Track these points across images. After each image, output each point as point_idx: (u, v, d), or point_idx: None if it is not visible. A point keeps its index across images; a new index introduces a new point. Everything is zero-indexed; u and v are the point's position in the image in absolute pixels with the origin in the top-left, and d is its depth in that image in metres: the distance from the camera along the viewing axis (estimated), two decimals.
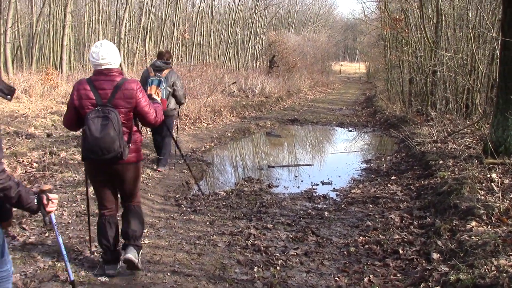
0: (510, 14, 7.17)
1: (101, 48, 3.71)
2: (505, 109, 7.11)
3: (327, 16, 57.53)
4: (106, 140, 3.56)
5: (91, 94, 3.69)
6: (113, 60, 3.75)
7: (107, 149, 3.58)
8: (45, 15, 23.37)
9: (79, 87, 3.74)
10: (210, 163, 9.46)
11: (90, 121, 3.59)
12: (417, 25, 14.83)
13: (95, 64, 3.73)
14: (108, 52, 3.71)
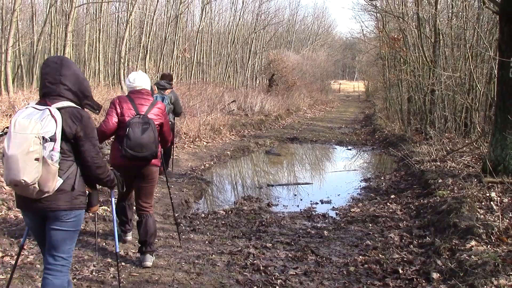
0: (507, 34, 7.24)
1: (137, 76, 4.81)
2: (504, 128, 7.14)
3: (326, 35, 57.99)
4: (147, 140, 4.41)
5: (131, 106, 4.61)
6: (145, 84, 4.81)
7: (147, 147, 4.41)
8: (46, 34, 23.57)
9: (120, 100, 4.67)
10: (210, 181, 9.46)
11: (133, 125, 4.42)
12: (415, 44, 14.94)
13: (132, 86, 4.74)
14: (141, 78, 4.80)
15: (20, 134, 2.78)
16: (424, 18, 14.40)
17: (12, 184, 2.86)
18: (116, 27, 30.25)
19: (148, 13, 26.30)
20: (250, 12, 39.50)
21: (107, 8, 27.99)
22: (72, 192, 3.01)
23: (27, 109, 2.92)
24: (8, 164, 2.80)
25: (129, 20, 23.57)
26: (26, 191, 2.87)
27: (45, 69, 3.02)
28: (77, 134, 2.98)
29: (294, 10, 49.28)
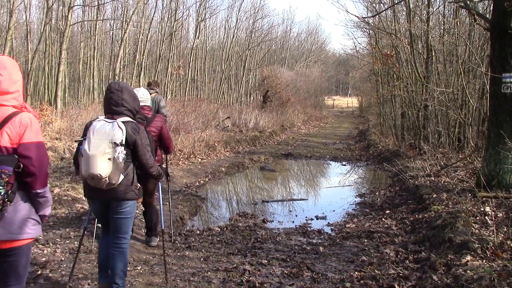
0: (498, 50, 7.33)
1: (139, 93, 5.23)
2: (497, 143, 7.19)
3: (319, 51, 58.42)
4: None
5: None
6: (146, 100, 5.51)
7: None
8: (40, 52, 23.61)
9: None
10: (205, 198, 9.44)
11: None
12: (408, 60, 15.09)
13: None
14: (143, 95, 5.40)
15: (98, 139, 3.71)
16: (417, 35, 14.56)
17: (89, 177, 3.72)
18: (111, 44, 30.38)
19: (143, 30, 26.46)
20: (244, 29, 39.84)
21: (102, 26, 28.13)
22: (130, 186, 3.95)
23: (100, 122, 3.83)
24: (87, 162, 3.69)
25: (123, 38, 23.70)
26: (99, 183, 3.75)
27: (109, 94, 3.97)
28: (135, 142, 3.90)
29: (288, 27, 49.59)
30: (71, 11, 19.13)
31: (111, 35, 30.16)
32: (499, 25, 7.21)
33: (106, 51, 30.77)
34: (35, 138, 2.84)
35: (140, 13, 26.05)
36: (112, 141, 3.72)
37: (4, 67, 2.82)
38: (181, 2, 30.50)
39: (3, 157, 2.72)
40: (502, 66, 7.22)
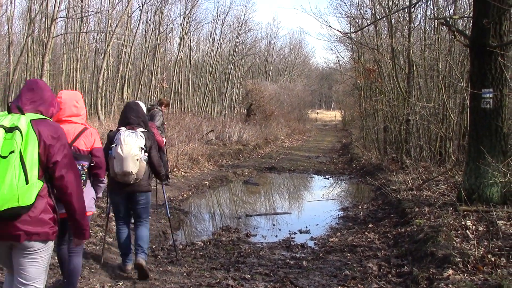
0: (477, 66, 7.46)
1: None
2: (477, 157, 7.29)
3: (303, 65, 58.85)
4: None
5: None
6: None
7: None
8: (22, 64, 23.41)
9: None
10: (188, 212, 9.39)
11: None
12: (390, 75, 15.27)
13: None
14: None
15: (129, 144, 4.92)
16: (398, 50, 14.77)
17: (122, 174, 4.92)
18: (94, 57, 30.24)
19: (126, 43, 26.42)
20: (228, 42, 40.01)
21: (85, 38, 28.01)
22: (148, 180, 5.26)
23: (125, 132, 5.03)
24: (121, 162, 4.88)
25: (107, 51, 23.62)
26: (128, 178, 4.96)
27: (128, 109, 5.30)
28: (151, 147, 5.16)
29: (272, 41, 49.91)
30: (54, 23, 19.03)
31: (94, 47, 30.05)
32: (478, 42, 7.35)
33: (89, 64, 30.61)
34: (100, 144, 4.24)
35: (124, 26, 26.03)
36: (139, 146, 4.97)
37: (79, 99, 4.31)
38: (165, 15, 30.60)
39: (83, 156, 4.08)
40: (481, 82, 7.34)
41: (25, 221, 2.76)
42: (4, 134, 2.69)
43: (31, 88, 3.08)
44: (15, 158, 2.66)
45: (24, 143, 2.71)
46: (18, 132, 2.70)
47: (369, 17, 17.95)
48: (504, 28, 7.23)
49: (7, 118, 2.78)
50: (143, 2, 27.36)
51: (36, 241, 2.85)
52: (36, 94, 3.07)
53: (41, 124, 2.86)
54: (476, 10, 7.52)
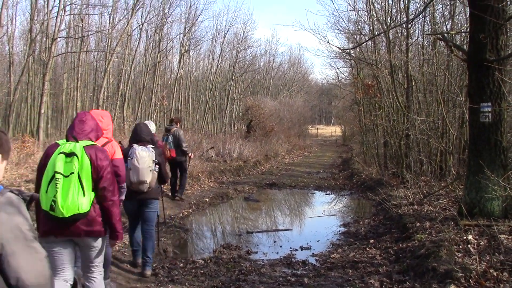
0: (475, 80, 7.49)
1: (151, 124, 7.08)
2: (477, 171, 7.29)
3: (302, 81, 59.04)
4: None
5: None
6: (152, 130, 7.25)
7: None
8: (23, 83, 23.53)
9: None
10: (188, 229, 9.36)
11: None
12: (389, 90, 15.33)
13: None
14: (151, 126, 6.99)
15: (143, 158, 5.77)
16: (397, 65, 14.84)
17: (138, 183, 5.76)
18: (94, 75, 30.37)
19: (126, 61, 26.57)
20: (228, 59, 40.18)
21: (85, 57, 28.18)
22: (157, 189, 6.27)
23: (138, 147, 5.84)
24: (138, 172, 5.74)
25: (107, 69, 23.74)
26: (142, 187, 5.81)
27: (139, 129, 6.07)
28: (159, 161, 5.97)
29: (271, 57, 50.13)
30: (54, 43, 19.16)
31: (94, 66, 30.20)
32: (476, 57, 7.40)
33: (89, 82, 30.73)
34: (120, 156, 4.90)
35: (124, 45, 26.18)
36: (152, 159, 5.81)
37: (105, 115, 5.00)
38: (165, 33, 30.75)
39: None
40: (479, 96, 7.37)
41: (84, 223, 3.72)
42: (65, 159, 3.65)
43: (82, 120, 4.00)
44: (74, 177, 3.62)
45: (80, 165, 3.65)
46: (76, 157, 3.66)
47: (367, 32, 18.08)
48: (501, 42, 7.28)
49: (66, 146, 3.74)
50: (143, 21, 27.55)
51: (92, 237, 3.82)
52: (86, 125, 3.99)
53: (91, 149, 3.80)
54: (473, 25, 7.58)
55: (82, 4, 22.66)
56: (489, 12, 7.02)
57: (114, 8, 25.23)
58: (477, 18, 7.27)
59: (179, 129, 11.46)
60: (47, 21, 19.98)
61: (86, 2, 23.10)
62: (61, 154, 3.65)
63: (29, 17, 22.78)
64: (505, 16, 7.21)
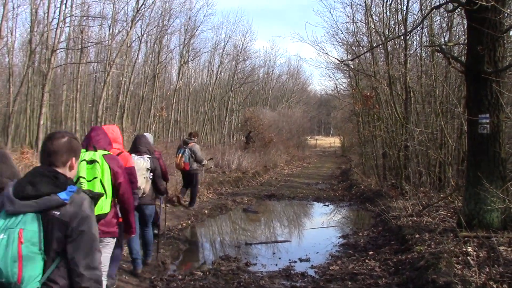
0: (473, 92, 7.53)
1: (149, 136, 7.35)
2: (475, 183, 7.29)
3: (301, 92, 59.16)
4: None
5: None
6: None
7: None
8: (22, 95, 23.56)
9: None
10: (187, 241, 9.33)
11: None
12: (388, 101, 15.36)
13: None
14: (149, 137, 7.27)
15: (138, 166, 5.98)
16: (395, 77, 14.90)
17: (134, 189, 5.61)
18: (94, 86, 30.45)
19: (126, 73, 26.64)
20: (227, 71, 40.32)
21: (85, 68, 28.27)
22: (151, 195, 6.77)
23: (135, 157, 6.09)
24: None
25: (106, 80, 23.81)
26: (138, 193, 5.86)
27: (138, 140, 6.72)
28: (155, 168, 6.66)
29: (270, 68, 50.27)
30: (54, 54, 19.23)
31: (94, 77, 30.29)
32: (474, 68, 7.44)
33: (88, 93, 30.80)
34: (132, 164, 5.44)
35: (123, 56, 26.27)
36: (146, 167, 6.26)
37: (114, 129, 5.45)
38: (165, 44, 30.89)
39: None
40: (478, 108, 7.40)
41: (102, 223, 4.04)
42: (87, 165, 4.11)
43: (97, 133, 4.58)
44: (97, 182, 4.10)
45: (101, 171, 4.13)
46: (97, 164, 4.13)
47: (366, 44, 18.16)
48: (499, 54, 7.32)
49: (86, 154, 4.16)
50: (142, 33, 27.68)
51: (107, 237, 4.26)
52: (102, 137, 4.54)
53: (109, 158, 4.35)
54: (470, 37, 7.63)
55: (82, 16, 22.77)
56: (487, 24, 7.07)
57: (113, 19, 25.35)
58: (475, 30, 7.32)
59: (196, 144, 12.03)
60: (47, 32, 20.07)
61: (86, 14, 23.24)
62: (83, 162, 4.07)
63: (29, 29, 22.86)
64: (502, 28, 7.26)
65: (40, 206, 2.32)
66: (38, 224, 2.29)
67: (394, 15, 15.96)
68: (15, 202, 2.32)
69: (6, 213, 2.32)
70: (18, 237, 2.24)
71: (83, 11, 23.66)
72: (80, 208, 2.40)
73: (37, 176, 2.43)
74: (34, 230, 2.28)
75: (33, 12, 21.78)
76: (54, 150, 2.53)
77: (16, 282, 2.22)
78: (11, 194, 2.35)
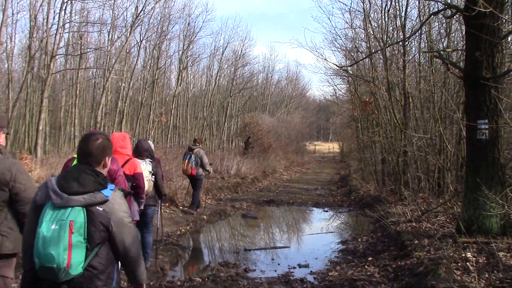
0: (472, 98, 7.54)
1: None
2: (475, 188, 7.28)
3: (300, 97, 59.25)
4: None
5: None
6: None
7: None
8: (21, 100, 23.57)
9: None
10: (186, 247, 9.31)
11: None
12: (386, 107, 15.39)
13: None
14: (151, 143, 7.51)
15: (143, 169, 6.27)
16: (394, 82, 14.93)
17: None
18: (93, 92, 30.50)
19: (125, 78, 26.67)
20: (226, 76, 40.40)
21: (84, 74, 28.30)
22: (154, 196, 7.11)
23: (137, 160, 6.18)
24: None
25: (105, 86, 23.83)
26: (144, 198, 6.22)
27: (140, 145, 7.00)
28: (156, 172, 6.94)
29: (269, 74, 50.36)
30: (53, 60, 19.25)
31: (93, 83, 30.33)
32: (472, 74, 7.45)
33: (88, 99, 30.85)
34: (140, 170, 5.98)
35: (123, 62, 26.32)
36: (148, 170, 6.62)
37: (125, 136, 6.03)
38: (164, 50, 30.96)
39: (128, 178, 5.52)
40: (476, 113, 7.40)
41: None
42: None
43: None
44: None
45: None
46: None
47: (364, 50, 18.22)
48: (497, 60, 7.33)
49: None
50: (141, 38, 27.74)
51: None
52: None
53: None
54: (469, 43, 7.65)
55: (81, 21, 22.83)
56: (485, 30, 7.09)
57: (113, 25, 25.42)
58: (473, 36, 7.34)
59: (201, 149, 12.53)
60: (46, 38, 20.10)
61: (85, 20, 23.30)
62: None
63: (28, 35, 22.91)
64: (500, 35, 7.28)
65: (87, 201, 2.64)
66: (84, 217, 2.60)
67: (393, 21, 16.03)
68: (63, 196, 2.62)
69: (54, 206, 2.61)
70: (69, 228, 2.55)
71: (82, 17, 23.76)
72: (118, 203, 2.79)
73: (81, 174, 2.73)
74: (81, 222, 2.58)
75: (32, 18, 21.85)
76: (90, 151, 2.86)
77: (65, 268, 2.51)
78: (57, 188, 2.65)
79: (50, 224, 2.55)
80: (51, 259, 2.50)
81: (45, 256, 2.51)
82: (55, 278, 2.55)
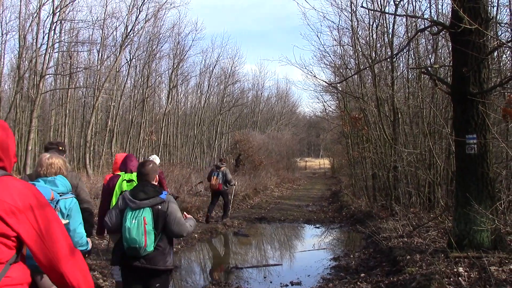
0: (460, 113, 7.61)
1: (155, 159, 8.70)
2: (465, 203, 7.31)
3: (290, 114, 59.53)
4: None
5: None
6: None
7: None
8: (10, 120, 23.44)
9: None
10: (177, 266, 9.22)
11: None
12: (376, 123, 15.47)
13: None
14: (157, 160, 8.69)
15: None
16: (383, 98, 15.04)
17: None
18: (83, 111, 30.41)
19: (115, 97, 26.66)
20: (216, 94, 40.54)
21: (74, 93, 28.25)
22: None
23: None
24: None
25: (95, 105, 23.79)
26: None
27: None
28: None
29: (259, 91, 50.60)
30: (43, 80, 19.22)
31: (83, 102, 30.26)
32: (459, 90, 7.53)
33: (77, 118, 30.73)
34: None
35: (112, 80, 26.33)
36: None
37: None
38: (154, 69, 31.08)
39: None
40: (465, 128, 7.47)
41: None
42: (126, 183, 5.84)
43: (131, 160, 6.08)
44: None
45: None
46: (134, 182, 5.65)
47: (353, 67, 18.39)
48: (484, 75, 7.42)
49: (125, 175, 5.92)
50: (131, 57, 27.84)
51: None
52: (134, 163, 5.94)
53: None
54: (455, 59, 7.74)
55: (70, 41, 22.86)
56: (471, 46, 7.19)
57: (102, 45, 25.49)
58: (459, 52, 7.44)
59: (227, 168, 14.38)
60: (36, 58, 20.12)
61: (75, 40, 23.33)
62: (124, 181, 5.86)
63: (17, 55, 22.87)
64: (486, 51, 7.38)
65: (152, 203, 4.15)
66: (151, 214, 4.12)
67: (380, 38, 16.22)
68: (136, 202, 4.13)
69: (131, 209, 4.11)
70: (143, 221, 4.05)
71: (72, 36, 23.78)
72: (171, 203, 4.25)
73: (144, 187, 4.26)
74: (150, 217, 4.10)
75: (21, 38, 21.83)
76: (146, 173, 4.40)
77: (143, 246, 4.02)
78: (131, 198, 4.17)
79: (131, 220, 4.05)
80: (134, 242, 3.99)
81: (131, 240, 3.99)
82: (138, 254, 4.05)
